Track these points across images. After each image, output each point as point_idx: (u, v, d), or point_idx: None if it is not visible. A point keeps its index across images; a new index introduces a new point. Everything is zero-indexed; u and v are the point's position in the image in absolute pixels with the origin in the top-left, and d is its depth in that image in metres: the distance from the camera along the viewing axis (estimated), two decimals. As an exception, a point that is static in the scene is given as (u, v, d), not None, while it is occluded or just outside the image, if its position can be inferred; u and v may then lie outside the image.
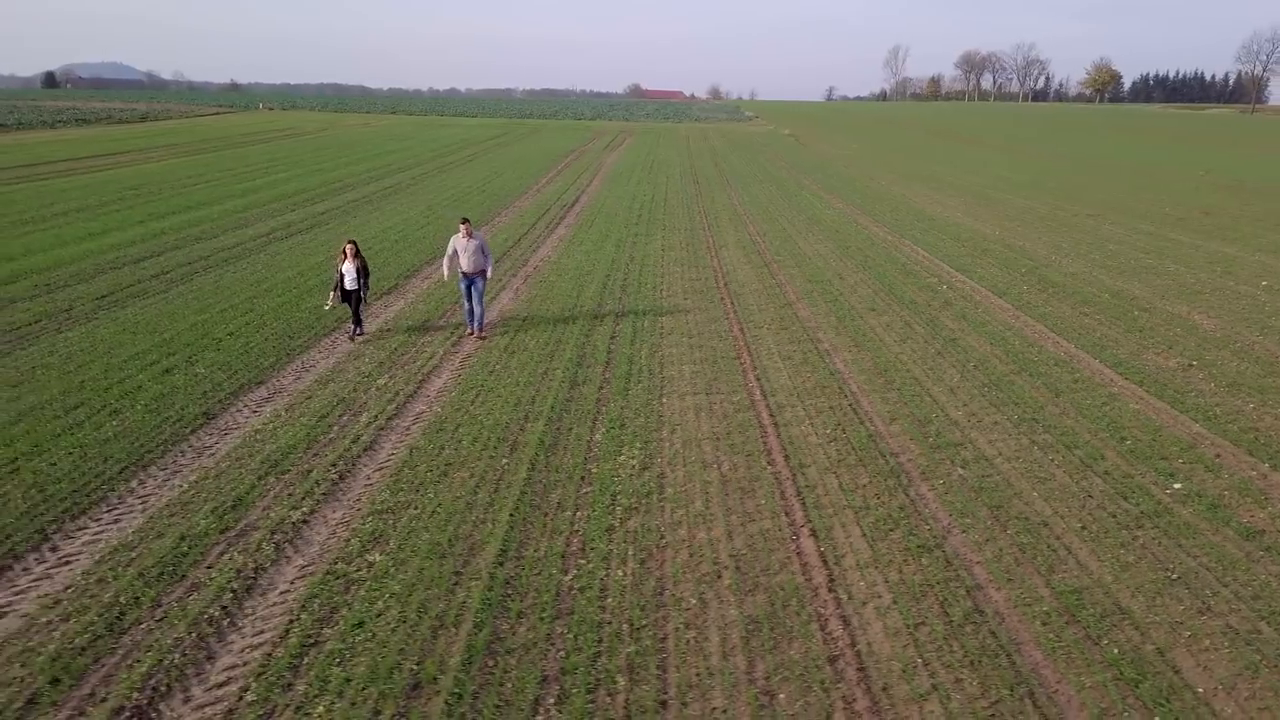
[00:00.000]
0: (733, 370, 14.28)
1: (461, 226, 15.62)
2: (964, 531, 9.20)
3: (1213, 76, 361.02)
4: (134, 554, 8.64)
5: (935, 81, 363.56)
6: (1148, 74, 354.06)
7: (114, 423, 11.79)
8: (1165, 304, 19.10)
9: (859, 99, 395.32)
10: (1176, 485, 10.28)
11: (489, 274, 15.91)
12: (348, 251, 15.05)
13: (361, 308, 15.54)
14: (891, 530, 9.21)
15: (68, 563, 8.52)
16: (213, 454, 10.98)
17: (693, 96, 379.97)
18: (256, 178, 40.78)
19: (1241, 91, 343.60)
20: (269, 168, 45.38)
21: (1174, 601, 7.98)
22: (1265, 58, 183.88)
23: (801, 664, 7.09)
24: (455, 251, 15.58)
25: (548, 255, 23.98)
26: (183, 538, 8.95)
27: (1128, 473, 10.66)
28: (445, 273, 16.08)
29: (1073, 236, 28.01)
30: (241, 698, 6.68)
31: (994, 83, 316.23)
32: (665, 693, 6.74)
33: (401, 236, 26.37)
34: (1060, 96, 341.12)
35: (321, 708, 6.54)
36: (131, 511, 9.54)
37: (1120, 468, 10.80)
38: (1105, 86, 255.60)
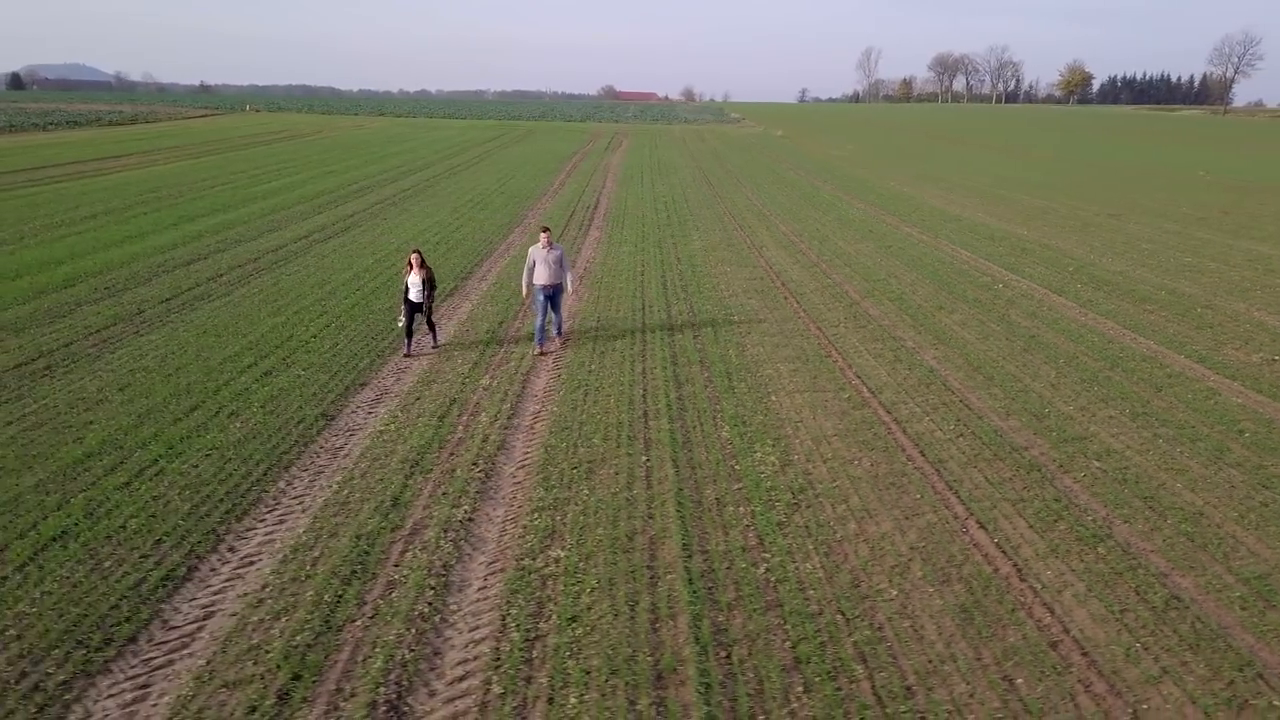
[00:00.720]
0: (829, 368, 14.49)
1: (542, 236, 14.69)
2: (1126, 522, 9.45)
3: (1179, 78, 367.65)
4: (316, 553, 8.68)
5: (907, 83, 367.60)
6: (1115, 76, 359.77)
7: (237, 425, 11.79)
8: (1223, 302, 19.56)
9: (831, 100, 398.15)
10: None
11: (569, 288, 15.29)
12: (413, 262, 14.25)
13: (430, 319, 14.96)
14: (1056, 521, 9.43)
15: (251, 563, 8.54)
16: (347, 454, 11.01)
17: (666, 98, 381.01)
18: (272, 179, 40.56)
19: (1207, 93, 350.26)
20: (280, 170, 45.12)
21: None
22: (1236, 60, 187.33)
23: (1026, 649, 7.28)
24: (534, 263, 14.66)
25: (592, 256, 24.09)
26: (358, 537, 8.99)
27: (1259, 464, 10.97)
28: (524, 288, 15.27)
29: (1102, 236, 28.54)
30: (488, 690, 6.76)
31: (966, 84, 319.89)
32: (905, 679, 6.89)
33: (441, 239, 26.36)
34: (1030, 98, 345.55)
35: (573, 699, 6.64)
36: (293, 512, 9.57)
37: (1250, 459, 11.12)
38: (1078, 88, 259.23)
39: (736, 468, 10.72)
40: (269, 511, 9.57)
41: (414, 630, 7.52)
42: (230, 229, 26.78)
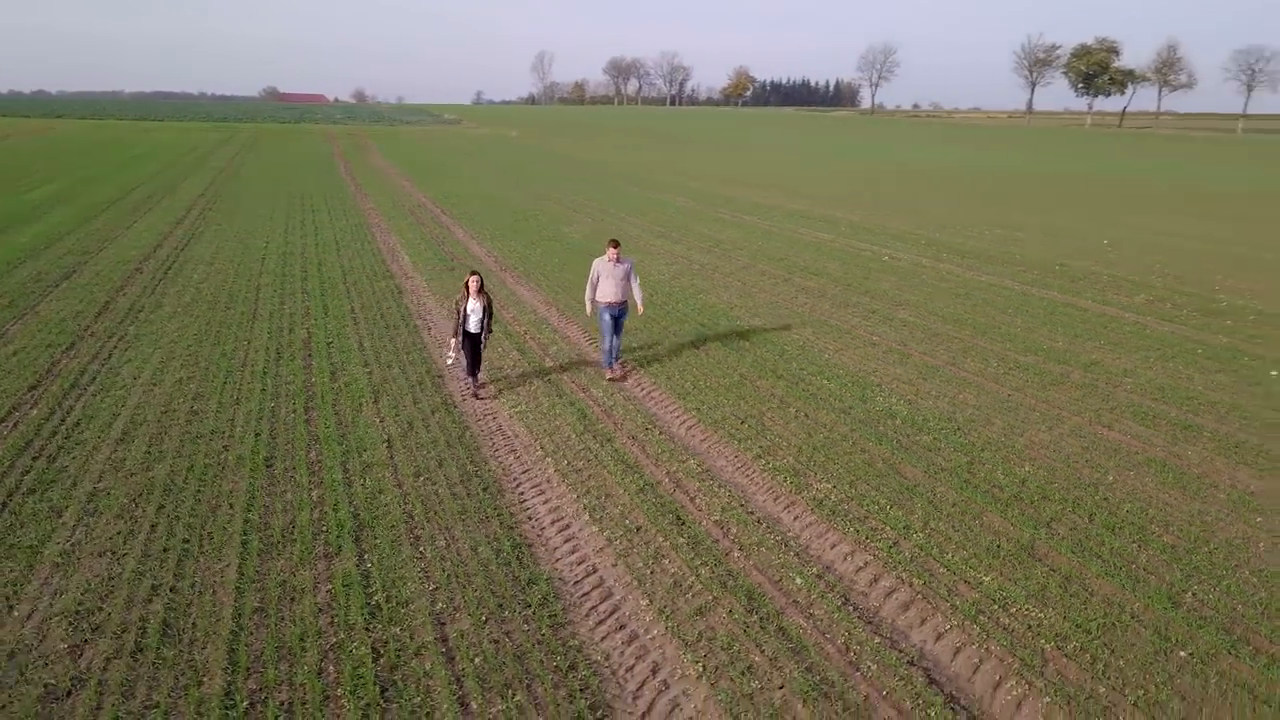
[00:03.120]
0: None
1: (610, 250, 13.20)
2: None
3: (817, 83, 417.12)
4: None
5: (580, 86, 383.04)
6: (764, 81, 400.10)
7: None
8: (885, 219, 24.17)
9: (506, 103, 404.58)
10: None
11: (640, 306, 13.92)
12: (471, 286, 12.38)
13: (482, 354, 12.97)
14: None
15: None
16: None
17: (336, 100, 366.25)
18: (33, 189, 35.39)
19: (841, 96, 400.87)
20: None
21: None
22: (879, 66, 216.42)
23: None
24: (598, 277, 13.26)
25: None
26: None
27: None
28: (588, 305, 13.64)
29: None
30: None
31: (639, 87, 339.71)
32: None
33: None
34: (693, 100, 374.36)
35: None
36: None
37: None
38: (743, 90, 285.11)
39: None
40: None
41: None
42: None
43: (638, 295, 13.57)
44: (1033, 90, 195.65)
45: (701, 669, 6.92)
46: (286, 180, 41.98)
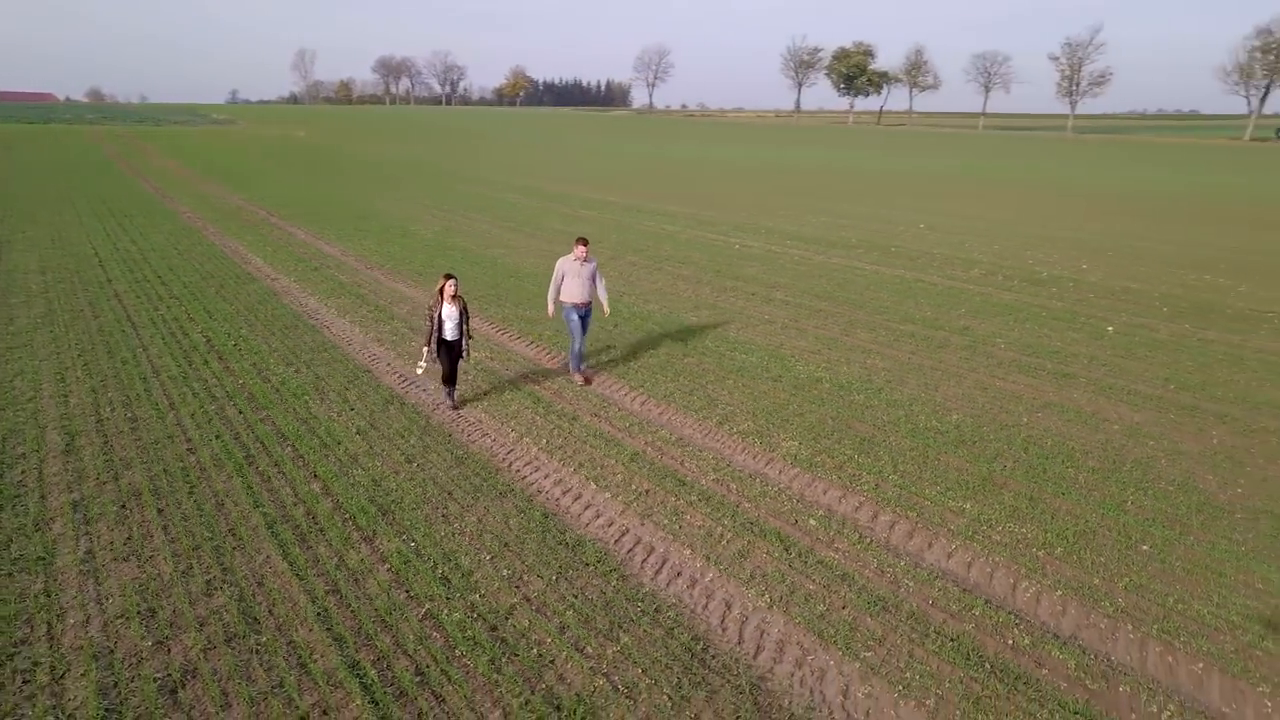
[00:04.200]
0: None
1: (579, 248, 12.77)
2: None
3: (589, 83, 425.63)
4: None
5: (346, 84, 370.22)
6: (537, 80, 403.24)
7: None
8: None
9: (266, 102, 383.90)
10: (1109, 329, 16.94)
11: (606, 307, 13.58)
12: (446, 290, 11.60)
13: (461, 365, 12.60)
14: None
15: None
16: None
17: (68, 99, 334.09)
18: None
19: (613, 96, 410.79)
20: None
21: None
22: (654, 67, 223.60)
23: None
24: (563, 276, 12.85)
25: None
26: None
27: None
28: (549, 304, 13.17)
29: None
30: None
31: (411, 86, 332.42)
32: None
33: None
34: (465, 100, 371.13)
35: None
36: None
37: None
38: (521, 90, 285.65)
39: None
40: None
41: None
42: None
43: (603, 296, 13.26)
44: (799, 90, 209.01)
45: (769, 600, 7.77)
46: (71, 184, 38.67)
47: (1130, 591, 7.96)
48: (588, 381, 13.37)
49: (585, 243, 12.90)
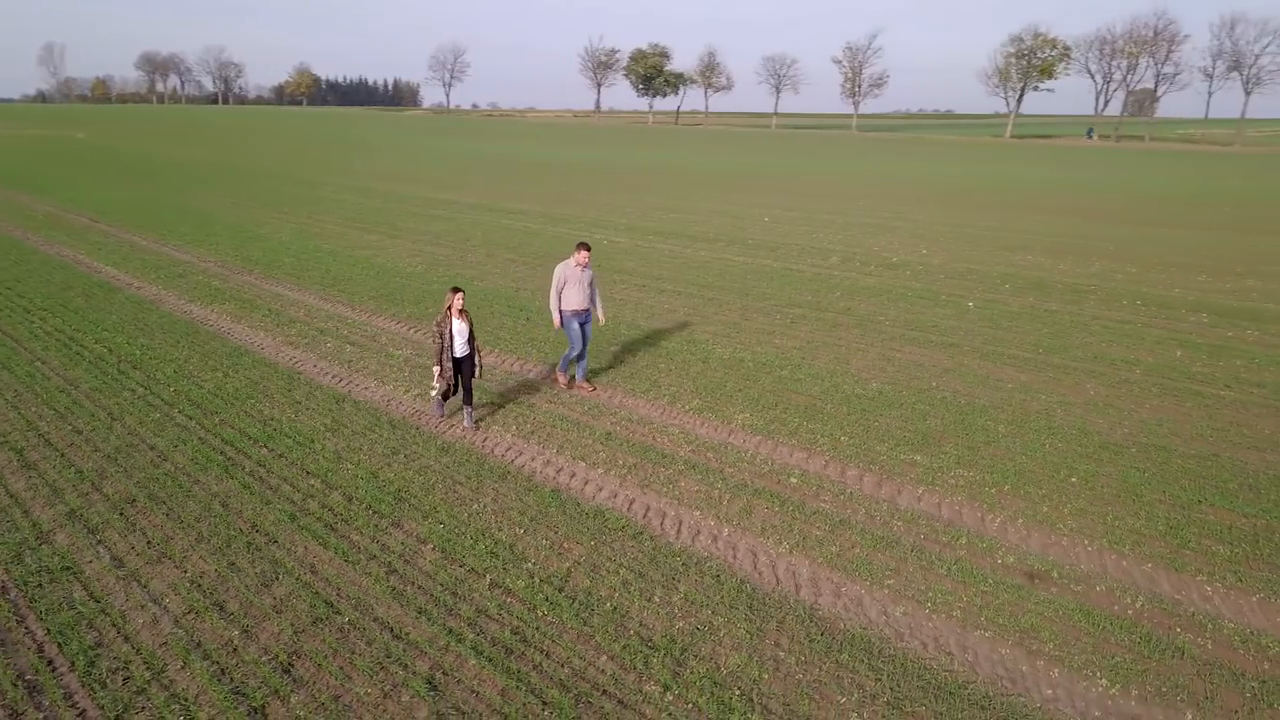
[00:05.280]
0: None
1: (580, 253, 12.56)
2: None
3: (375, 82, 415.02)
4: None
5: (104, 82, 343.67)
6: (320, 79, 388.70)
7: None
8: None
9: (8, 101, 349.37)
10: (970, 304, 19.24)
11: (601, 317, 13.33)
12: (455, 305, 11.11)
13: (473, 381, 11.84)
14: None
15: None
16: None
17: None
18: None
19: (401, 95, 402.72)
20: None
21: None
22: (450, 67, 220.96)
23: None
24: (564, 283, 12.58)
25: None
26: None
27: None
28: (555, 315, 12.82)
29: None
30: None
31: (180, 84, 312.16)
32: (1023, 411, 12.96)
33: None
34: (242, 99, 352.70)
35: None
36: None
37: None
38: (308, 89, 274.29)
39: (731, 360, 15.04)
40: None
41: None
42: None
43: (599, 304, 13.07)
44: (599, 91, 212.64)
45: (788, 546, 8.87)
46: None
47: (1075, 516, 9.57)
48: (574, 387, 13.30)
49: (588, 248, 12.63)
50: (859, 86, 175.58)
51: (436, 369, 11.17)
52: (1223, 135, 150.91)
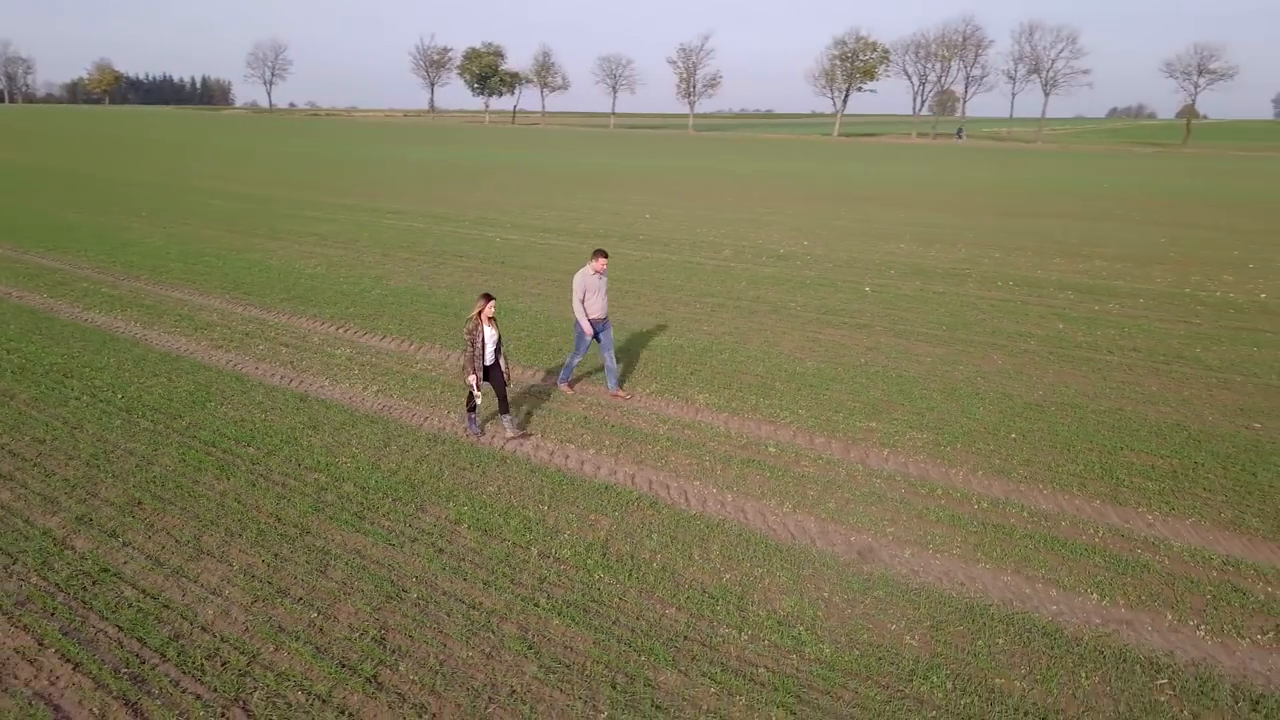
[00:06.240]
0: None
1: (599, 261, 12.48)
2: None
3: (182, 79, 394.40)
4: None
5: None
6: (121, 77, 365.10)
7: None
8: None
9: None
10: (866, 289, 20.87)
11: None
12: (486, 312, 10.82)
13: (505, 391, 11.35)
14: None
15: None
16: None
17: None
18: None
19: (211, 94, 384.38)
20: None
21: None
22: (270, 64, 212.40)
23: (951, 361, 15.47)
24: (585, 292, 12.42)
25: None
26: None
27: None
28: (586, 326, 12.54)
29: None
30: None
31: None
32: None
33: None
34: (30, 98, 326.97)
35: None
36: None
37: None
38: (109, 87, 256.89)
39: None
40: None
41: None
42: None
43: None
44: (433, 90, 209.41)
45: (791, 506, 9.80)
46: None
47: (1024, 465, 10.91)
48: (626, 398, 12.99)
49: (606, 255, 12.64)
50: (694, 87, 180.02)
51: (471, 379, 10.81)
52: (1025, 133, 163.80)
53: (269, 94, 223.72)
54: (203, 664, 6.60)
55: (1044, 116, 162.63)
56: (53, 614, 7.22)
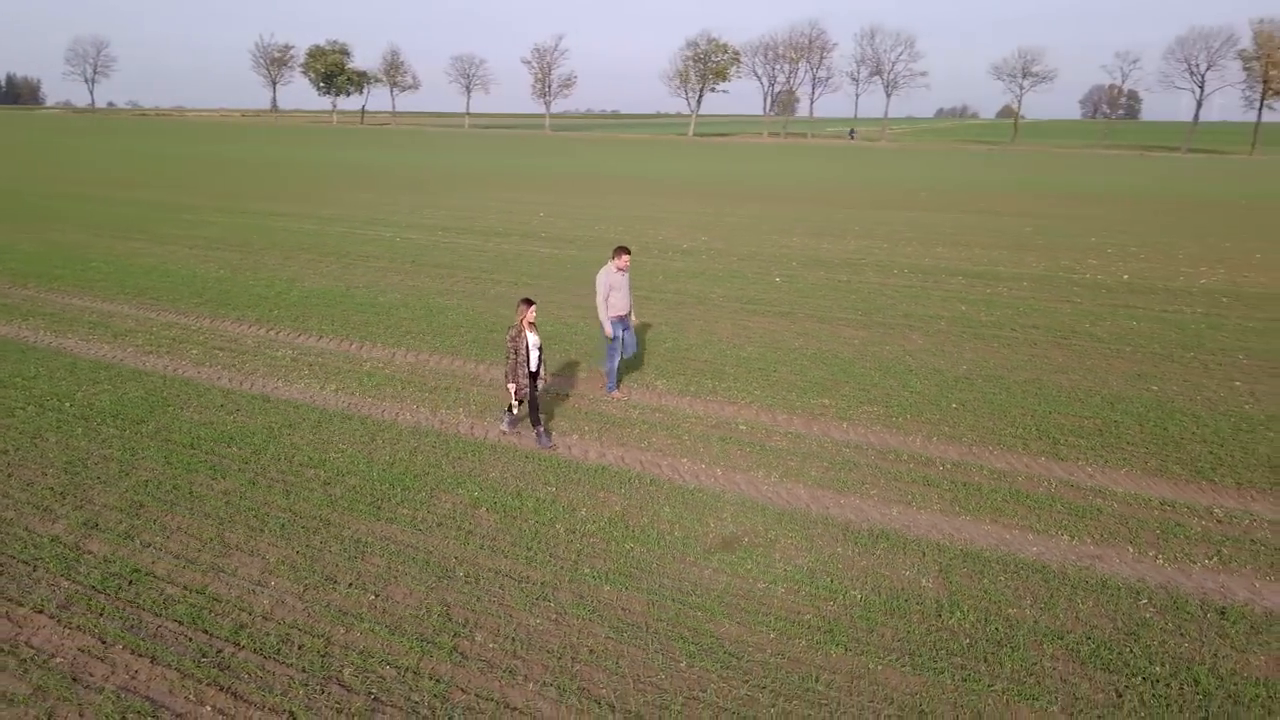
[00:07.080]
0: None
1: (622, 258, 12.46)
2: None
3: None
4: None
5: None
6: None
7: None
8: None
9: None
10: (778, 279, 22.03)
11: (633, 315, 13.15)
12: (528, 318, 10.77)
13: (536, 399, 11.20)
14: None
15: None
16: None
17: None
18: None
19: (19, 93, 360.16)
20: None
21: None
22: (93, 62, 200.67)
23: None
24: (609, 289, 12.37)
25: None
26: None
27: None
28: (608, 326, 12.50)
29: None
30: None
31: None
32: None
33: None
34: None
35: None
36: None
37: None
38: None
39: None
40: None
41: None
42: None
43: (631, 306, 12.85)
44: (274, 89, 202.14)
45: (778, 476, 10.58)
46: None
47: (971, 430, 12.05)
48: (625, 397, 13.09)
49: (629, 252, 12.64)
50: (549, 87, 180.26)
51: (512, 386, 10.72)
52: (870, 132, 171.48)
53: (91, 92, 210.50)
54: (280, 648, 6.79)
55: (887, 116, 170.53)
56: (102, 614, 7.20)
